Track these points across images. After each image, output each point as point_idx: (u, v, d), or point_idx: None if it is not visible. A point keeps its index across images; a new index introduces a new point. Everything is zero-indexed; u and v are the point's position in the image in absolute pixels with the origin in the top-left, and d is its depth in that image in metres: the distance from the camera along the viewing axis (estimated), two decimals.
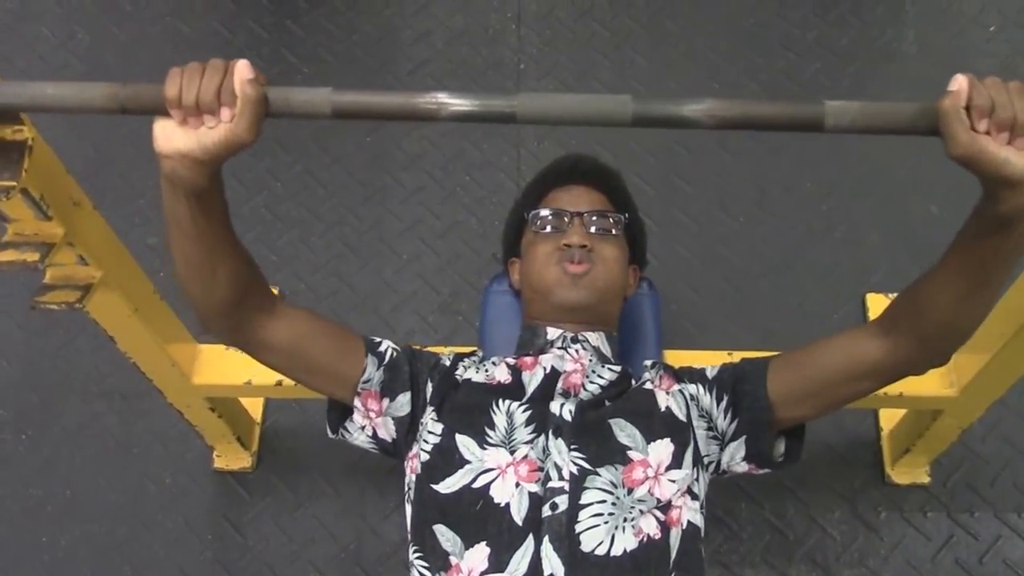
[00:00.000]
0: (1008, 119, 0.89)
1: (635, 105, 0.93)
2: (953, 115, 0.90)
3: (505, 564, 1.20)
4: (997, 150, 0.90)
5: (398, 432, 1.33)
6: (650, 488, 1.25)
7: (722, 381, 1.32)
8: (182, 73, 0.95)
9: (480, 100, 0.94)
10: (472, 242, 2.29)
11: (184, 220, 1.06)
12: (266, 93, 0.95)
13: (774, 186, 2.35)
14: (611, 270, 1.43)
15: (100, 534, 1.97)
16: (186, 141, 0.97)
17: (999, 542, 1.93)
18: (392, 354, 1.32)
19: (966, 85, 0.90)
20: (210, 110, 0.95)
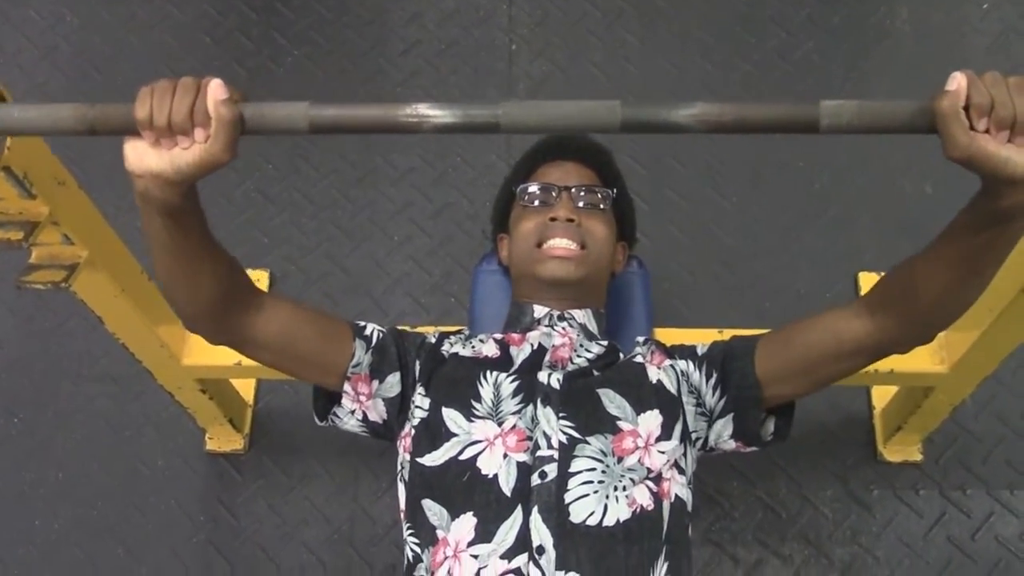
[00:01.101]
0: (1008, 117, 0.86)
1: (624, 111, 0.91)
2: (951, 116, 0.87)
3: (492, 535, 1.20)
4: (997, 149, 0.87)
5: (389, 413, 1.33)
6: (640, 458, 1.25)
7: (711, 358, 1.32)
8: (152, 93, 0.91)
9: (463, 111, 0.91)
10: (464, 223, 2.28)
11: (162, 235, 1.03)
12: (241, 112, 0.91)
13: (766, 166, 2.34)
14: (598, 245, 1.42)
15: (93, 516, 1.97)
16: (159, 162, 0.93)
17: (991, 519, 1.94)
18: (379, 336, 1.32)
19: (964, 84, 0.87)
20: (183, 131, 0.91)
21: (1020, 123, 0.86)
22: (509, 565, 1.18)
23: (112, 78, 2.49)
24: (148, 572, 1.92)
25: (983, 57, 2.41)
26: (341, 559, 1.92)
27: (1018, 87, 0.87)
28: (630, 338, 1.58)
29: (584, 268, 1.40)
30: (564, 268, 1.38)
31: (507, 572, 1.18)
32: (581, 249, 1.41)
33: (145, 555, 1.94)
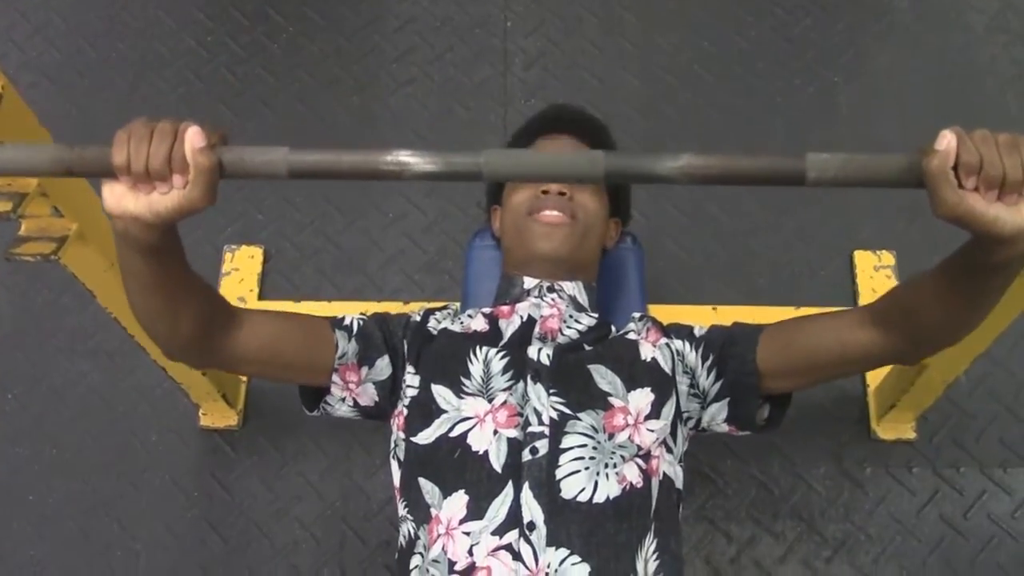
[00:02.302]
0: (997, 177, 0.85)
1: (607, 161, 0.89)
2: (940, 176, 0.86)
3: (483, 511, 1.20)
4: (986, 209, 0.87)
5: (380, 396, 1.33)
6: (631, 435, 1.25)
7: (710, 341, 1.32)
8: (129, 138, 0.90)
9: (444, 159, 0.90)
10: (459, 201, 2.27)
11: (142, 273, 1.02)
12: (220, 158, 0.90)
13: (764, 144, 2.33)
14: (589, 219, 1.42)
15: (87, 492, 1.97)
16: (137, 206, 0.92)
17: (984, 497, 1.94)
18: (359, 324, 1.31)
19: (954, 144, 0.86)
20: (160, 178, 0.90)
21: (1010, 183, 0.85)
22: (500, 541, 1.18)
23: (106, 53, 2.47)
24: (142, 547, 1.92)
25: (983, 34, 2.40)
26: (334, 535, 1.93)
27: (1007, 146, 0.86)
28: (624, 314, 1.58)
29: (573, 240, 1.39)
30: (553, 240, 1.38)
31: (498, 548, 1.18)
32: (571, 219, 1.40)
33: (139, 530, 1.94)
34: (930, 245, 2.15)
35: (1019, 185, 0.86)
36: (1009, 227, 0.88)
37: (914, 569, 1.87)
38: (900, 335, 1.13)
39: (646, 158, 0.90)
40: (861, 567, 1.88)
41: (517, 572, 1.17)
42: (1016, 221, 0.87)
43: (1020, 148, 0.86)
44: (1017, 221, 0.87)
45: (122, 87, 2.42)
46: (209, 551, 1.92)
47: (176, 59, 2.46)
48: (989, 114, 2.33)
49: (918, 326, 1.10)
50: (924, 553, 1.89)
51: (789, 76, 2.42)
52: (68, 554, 1.92)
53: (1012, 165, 0.85)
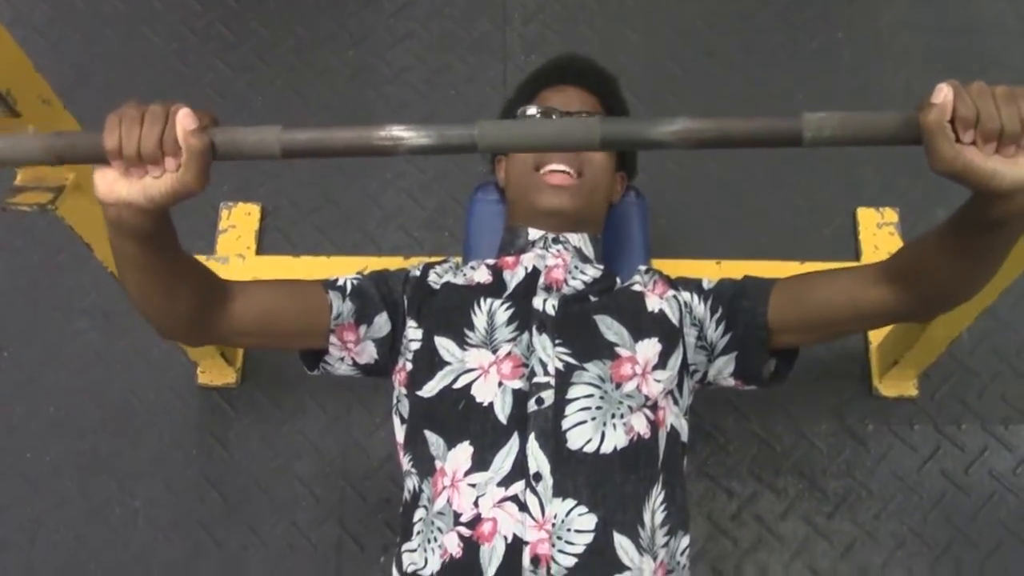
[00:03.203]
0: (995, 130, 0.84)
1: (602, 128, 0.89)
2: (937, 130, 0.85)
3: (488, 463, 1.19)
4: (983, 163, 0.85)
5: (379, 353, 1.32)
6: (639, 385, 1.24)
7: (719, 294, 1.31)
8: (120, 122, 0.90)
9: (438, 132, 0.90)
10: (458, 158, 2.24)
11: (136, 258, 1.02)
12: (212, 139, 0.90)
13: (765, 99, 2.31)
14: (596, 173, 1.40)
15: (85, 450, 1.96)
16: (130, 191, 0.92)
17: (985, 453, 1.94)
18: (354, 283, 1.30)
19: (951, 97, 0.85)
20: (153, 161, 0.90)
21: (1007, 135, 0.84)
22: (506, 492, 1.18)
23: (97, 6, 2.43)
24: (141, 505, 1.91)
25: None
26: (334, 492, 1.92)
27: (1005, 97, 0.85)
28: (628, 267, 1.56)
29: (581, 197, 1.37)
30: (560, 198, 1.36)
31: (504, 499, 1.17)
32: (578, 177, 1.39)
33: (138, 488, 1.93)
34: (934, 202, 2.16)
35: (1017, 137, 0.84)
36: (1008, 181, 0.86)
37: (915, 525, 1.87)
38: (911, 293, 1.12)
39: (641, 124, 0.90)
40: (862, 523, 1.88)
41: (523, 523, 1.16)
42: (1014, 174, 0.86)
43: (1017, 100, 0.85)
44: (1015, 174, 0.86)
45: (114, 41, 2.38)
46: (208, 508, 1.91)
47: (169, 13, 2.42)
48: (993, 70, 2.31)
49: (927, 284, 1.09)
50: (925, 509, 1.89)
51: (792, 31, 2.39)
52: (66, 512, 1.91)
53: (1009, 117, 0.84)
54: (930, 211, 2.14)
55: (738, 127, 0.90)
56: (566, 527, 1.17)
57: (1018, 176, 0.86)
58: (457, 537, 1.18)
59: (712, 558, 1.86)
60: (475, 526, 1.17)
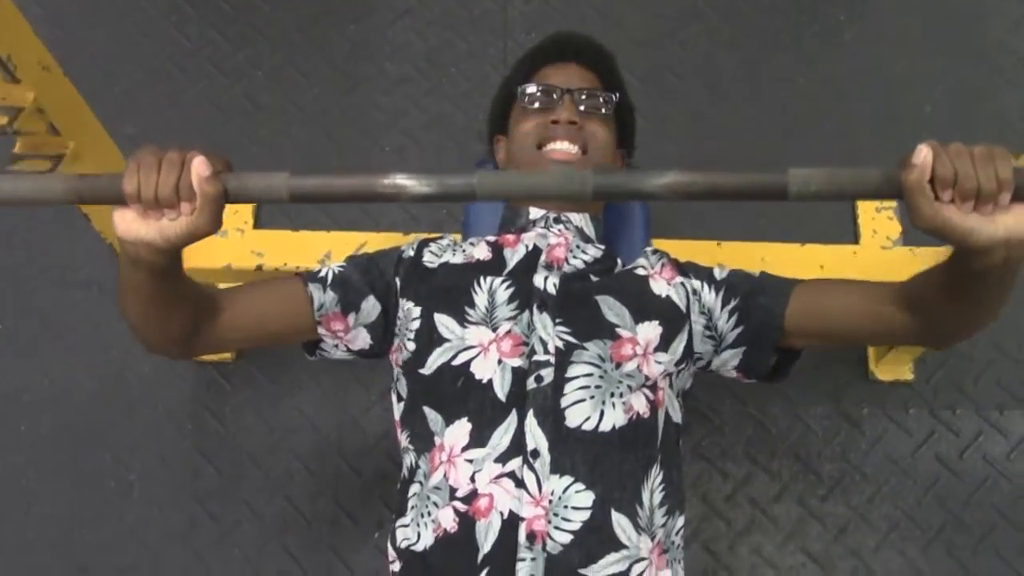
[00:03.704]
0: (972, 189, 0.87)
1: (595, 180, 0.91)
2: (917, 189, 0.88)
3: (486, 439, 1.19)
4: (961, 221, 0.89)
5: (373, 337, 1.32)
6: (639, 365, 1.24)
7: (732, 285, 1.30)
8: (139, 168, 0.95)
9: (439, 181, 0.93)
10: (457, 136, 2.24)
11: (143, 287, 1.06)
12: (224, 185, 0.95)
13: (765, 81, 2.30)
14: (598, 150, 1.39)
15: (79, 423, 1.96)
16: (148, 231, 0.97)
17: (980, 438, 1.94)
18: (335, 272, 1.30)
19: (930, 158, 0.88)
20: (169, 205, 0.95)
21: (984, 195, 0.87)
22: (503, 469, 1.17)
23: None
24: (136, 478, 1.91)
25: None
26: (329, 468, 1.92)
27: (981, 158, 0.88)
28: (628, 247, 1.56)
29: None
30: None
31: (501, 475, 1.17)
32: (582, 154, 1.38)
33: (132, 461, 1.93)
34: None
35: (993, 196, 0.87)
36: (984, 238, 0.90)
37: (908, 508, 1.88)
38: (921, 321, 1.13)
39: (634, 176, 0.93)
40: (856, 506, 1.89)
41: (520, 499, 1.16)
42: (990, 232, 0.89)
43: (994, 160, 0.88)
44: (991, 231, 0.89)
45: (112, 13, 2.36)
46: (203, 482, 1.91)
47: None
48: (995, 53, 2.30)
49: (934, 317, 1.11)
50: (919, 493, 1.90)
51: (793, 13, 2.38)
52: (60, 484, 1.91)
53: (986, 177, 0.87)
54: None
55: (726, 181, 0.93)
56: (563, 504, 1.17)
57: (994, 233, 0.89)
58: (452, 512, 1.18)
59: (706, 539, 1.87)
60: (471, 501, 1.17)
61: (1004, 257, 0.93)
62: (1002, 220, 0.90)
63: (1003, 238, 0.90)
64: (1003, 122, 2.23)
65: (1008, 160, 0.89)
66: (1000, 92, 2.26)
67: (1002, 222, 0.90)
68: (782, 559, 1.85)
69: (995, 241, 0.90)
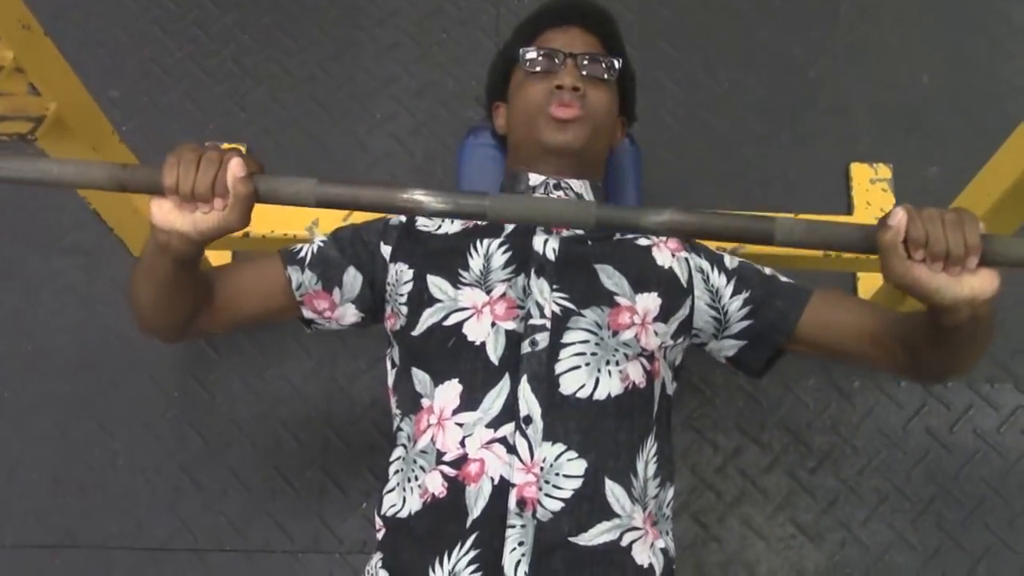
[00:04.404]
0: (941, 252, 0.93)
1: (598, 212, 0.99)
2: (891, 248, 0.95)
3: (478, 403, 1.18)
4: (930, 280, 0.95)
5: (361, 309, 1.32)
6: (637, 334, 1.22)
7: (745, 277, 1.30)
8: (178, 163, 1.00)
9: (454, 199, 0.99)
10: (448, 103, 2.21)
11: (165, 274, 1.12)
12: (256, 186, 1.01)
13: (761, 51, 2.27)
14: (600, 115, 1.37)
15: (64, 390, 1.93)
16: (182, 222, 1.03)
17: (970, 411, 1.94)
18: (313, 251, 1.30)
19: (904, 221, 0.95)
20: (204, 200, 1.01)
21: (952, 257, 0.94)
22: (495, 434, 1.16)
23: None
24: (121, 446, 1.89)
25: None
26: (317, 438, 1.90)
27: (952, 224, 0.94)
28: None
29: (586, 135, 1.34)
30: (566, 135, 1.33)
31: (492, 441, 1.16)
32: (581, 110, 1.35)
33: (117, 429, 1.90)
34: (927, 159, 2.14)
35: (961, 260, 0.94)
36: (950, 296, 0.96)
37: (898, 481, 1.88)
38: (910, 360, 1.18)
39: (634, 212, 1.00)
40: (845, 478, 1.88)
41: (511, 465, 1.15)
42: (955, 291, 0.96)
43: (963, 226, 0.94)
44: (956, 291, 0.96)
45: None
46: (189, 451, 1.89)
47: None
48: (993, 23, 2.27)
49: (920, 359, 1.16)
50: (909, 465, 1.89)
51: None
52: (44, 452, 1.89)
53: (955, 241, 0.93)
54: (924, 168, 2.13)
55: (718, 223, 1.01)
56: (555, 471, 1.15)
57: (958, 293, 0.96)
58: (440, 476, 1.17)
59: (695, 510, 1.86)
60: (461, 466, 1.16)
61: (970, 315, 0.99)
62: (968, 281, 0.96)
63: (968, 298, 0.96)
64: (1001, 91, 2.21)
65: (976, 226, 0.95)
66: (997, 62, 2.24)
67: (968, 283, 0.96)
68: (772, 530, 1.85)
69: (959, 300, 0.96)
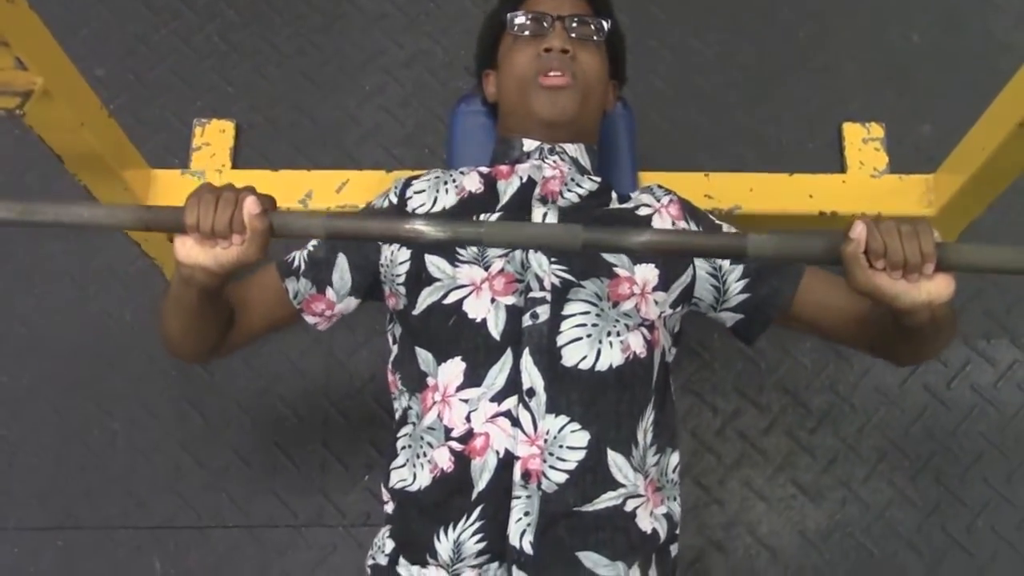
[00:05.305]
0: (899, 261, 1.00)
1: (585, 235, 1.04)
2: (852, 259, 1.02)
3: (481, 379, 1.18)
4: (890, 286, 1.02)
5: (359, 296, 1.32)
6: (637, 304, 1.22)
7: None
8: (199, 203, 1.05)
9: (452, 228, 1.05)
10: (437, 72, 2.19)
11: (191, 304, 1.16)
12: (271, 221, 1.06)
13: (750, 13, 2.26)
14: (591, 79, 1.36)
15: (62, 372, 1.93)
16: (204, 257, 1.08)
17: (967, 368, 1.95)
18: (305, 257, 1.31)
19: (864, 234, 1.01)
20: (223, 236, 1.06)
21: (910, 265, 1.00)
22: (499, 408, 1.16)
23: None
24: (120, 426, 1.89)
25: None
26: (317, 413, 1.90)
27: (908, 235, 1.00)
28: (615, 178, 1.54)
29: (577, 102, 1.33)
30: (557, 104, 1.32)
31: (497, 415, 1.16)
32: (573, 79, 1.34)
33: (116, 409, 1.90)
34: (920, 117, 2.13)
35: (918, 267, 1.00)
36: (908, 301, 1.03)
37: (897, 438, 1.89)
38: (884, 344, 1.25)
39: (617, 234, 1.06)
40: (845, 437, 1.89)
41: (515, 438, 1.15)
42: (913, 296, 1.03)
43: (919, 236, 1.00)
44: (914, 296, 1.03)
45: None
46: (189, 429, 1.89)
47: None
48: None
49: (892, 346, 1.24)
50: (907, 423, 1.90)
51: None
52: (43, 434, 1.88)
53: (911, 251, 1.00)
54: (916, 127, 2.12)
55: (695, 242, 1.10)
56: (558, 443, 1.16)
57: (916, 297, 1.03)
58: (448, 452, 1.17)
59: (696, 473, 1.87)
60: (467, 441, 1.16)
61: (929, 316, 1.06)
62: (925, 286, 1.02)
63: (925, 301, 1.03)
64: (991, 48, 2.21)
65: (930, 235, 1.01)
66: (988, 18, 2.23)
67: (925, 288, 1.02)
68: (772, 491, 1.86)
69: (918, 304, 1.03)
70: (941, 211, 1.62)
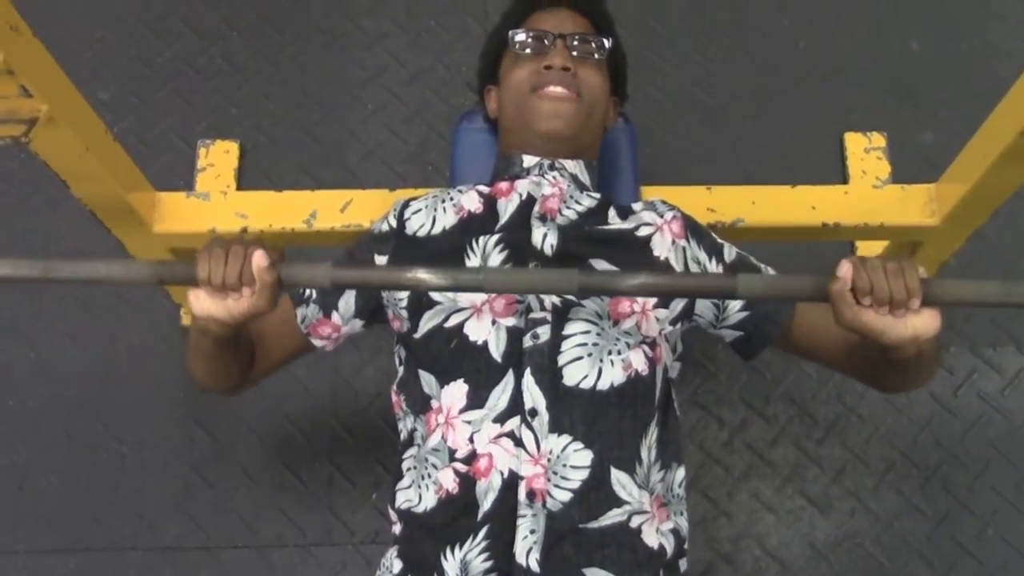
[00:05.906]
0: (885, 298, 1.02)
1: (580, 278, 1.07)
2: (839, 297, 1.04)
3: (484, 400, 1.18)
4: (876, 322, 1.04)
5: (364, 319, 1.33)
6: (638, 322, 1.22)
7: (744, 269, 1.31)
8: (210, 258, 1.08)
9: (452, 276, 1.08)
10: (439, 90, 2.20)
11: (210, 351, 1.20)
12: (279, 273, 1.09)
13: (751, 25, 2.27)
14: (593, 96, 1.36)
15: (70, 395, 1.94)
16: (217, 309, 1.11)
17: (974, 376, 1.94)
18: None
19: (850, 273, 1.03)
20: (234, 288, 1.09)
21: (895, 302, 1.02)
22: (502, 429, 1.17)
23: None
24: (129, 449, 1.90)
25: None
26: (324, 431, 1.91)
27: (893, 272, 1.03)
28: (617, 194, 1.54)
29: (579, 118, 1.34)
30: (559, 119, 1.32)
31: (500, 435, 1.16)
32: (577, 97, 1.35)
33: (125, 432, 1.91)
34: (921, 126, 2.14)
35: (903, 303, 1.02)
36: (894, 336, 1.05)
37: (905, 448, 1.88)
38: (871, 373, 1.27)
39: (612, 277, 1.09)
40: (852, 447, 1.89)
41: (519, 458, 1.15)
42: (898, 332, 1.05)
43: (904, 274, 1.02)
44: (899, 331, 1.05)
45: None
46: (198, 450, 1.89)
47: None
48: None
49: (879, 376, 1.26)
50: (915, 431, 1.90)
51: None
52: (52, 457, 1.89)
53: (896, 288, 1.02)
54: (918, 135, 2.13)
55: (687, 283, 1.12)
56: (562, 463, 1.16)
57: (902, 332, 1.05)
58: (453, 473, 1.17)
59: (704, 486, 1.87)
60: (471, 462, 1.16)
61: (916, 351, 1.08)
62: (911, 321, 1.04)
63: (911, 336, 1.05)
64: (991, 55, 2.21)
65: (915, 272, 1.03)
66: (987, 25, 2.24)
67: (911, 323, 1.04)
68: (781, 503, 1.86)
69: (904, 339, 1.05)
70: (944, 220, 1.62)
